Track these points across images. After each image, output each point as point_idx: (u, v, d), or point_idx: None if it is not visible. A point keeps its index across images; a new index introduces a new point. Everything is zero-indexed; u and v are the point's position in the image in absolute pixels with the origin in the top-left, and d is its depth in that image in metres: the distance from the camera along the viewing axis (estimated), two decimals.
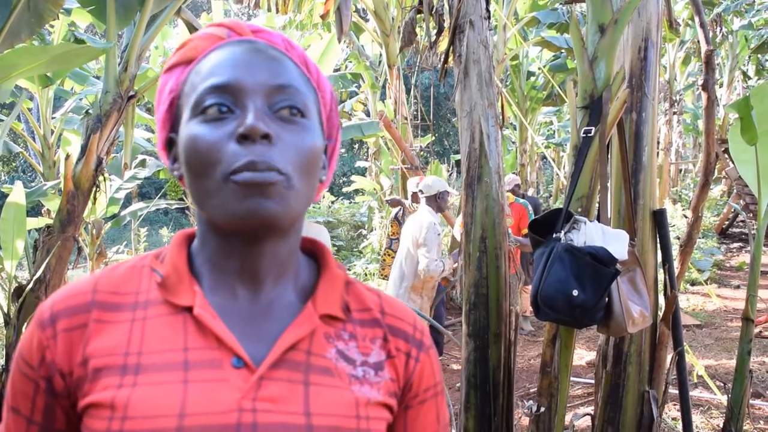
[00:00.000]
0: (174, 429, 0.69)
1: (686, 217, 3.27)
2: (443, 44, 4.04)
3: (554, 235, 2.17)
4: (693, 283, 8.84)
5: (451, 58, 2.71)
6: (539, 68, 11.90)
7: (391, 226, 5.77)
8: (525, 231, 5.51)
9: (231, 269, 0.79)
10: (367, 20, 10.43)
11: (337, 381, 0.76)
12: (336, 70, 11.41)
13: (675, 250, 4.01)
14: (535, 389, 2.47)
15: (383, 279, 5.96)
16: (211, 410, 0.70)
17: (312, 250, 0.89)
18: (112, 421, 0.70)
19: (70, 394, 0.75)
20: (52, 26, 6.76)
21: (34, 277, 3.64)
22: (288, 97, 0.75)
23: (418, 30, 6.81)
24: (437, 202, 4.85)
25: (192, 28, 4.57)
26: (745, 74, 17.84)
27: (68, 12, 5.78)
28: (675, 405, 4.29)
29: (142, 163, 7.16)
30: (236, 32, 0.80)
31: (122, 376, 0.72)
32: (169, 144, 0.82)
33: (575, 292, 2.03)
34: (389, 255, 5.66)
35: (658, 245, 2.68)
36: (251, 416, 0.71)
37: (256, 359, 0.74)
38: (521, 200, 6.11)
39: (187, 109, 0.76)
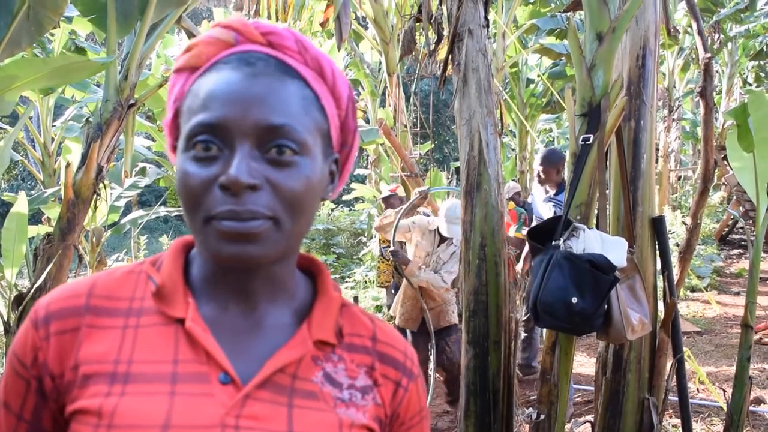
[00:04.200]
0: None
1: (685, 223, 3.28)
2: (442, 52, 4.05)
3: (553, 243, 2.18)
4: (693, 290, 8.84)
5: (450, 66, 2.73)
6: (538, 75, 11.93)
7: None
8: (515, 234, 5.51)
9: (225, 287, 0.79)
10: (366, 28, 10.46)
11: (321, 404, 0.76)
12: None
13: (674, 257, 4.02)
14: (535, 396, 2.47)
15: (381, 287, 5.95)
16: (195, 424, 0.71)
17: (309, 269, 0.88)
18: (98, 429, 0.70)
19: (59, 397, 0.76)
20: (52, 34, 6.79)
21: (35, 286, 3.64)
22: (281, 137, 0.72)
23: (417, 38, 6.82)
24: None
25: (192, 37, 4.58)
26: (744, 81, 17.87)
27: (69, 20, 5.80)
28: (675, 412, 4.29)
29: (143, 171, 7.17)
30: (244, 36, 0.77)
31: (111, 384, 0.73)
32: (176, 150, 0.81)
33: (574, 300, 2.04)
34: (382, 262, 5.64)
35: (658, 252, 2.69)
36: None
37: (244, 377, 0.75)
38: (519, 209, 6.11)
39: (182, 136, 0.74)
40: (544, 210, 4.98)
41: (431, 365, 4.68)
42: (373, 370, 0.82)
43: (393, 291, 5.57)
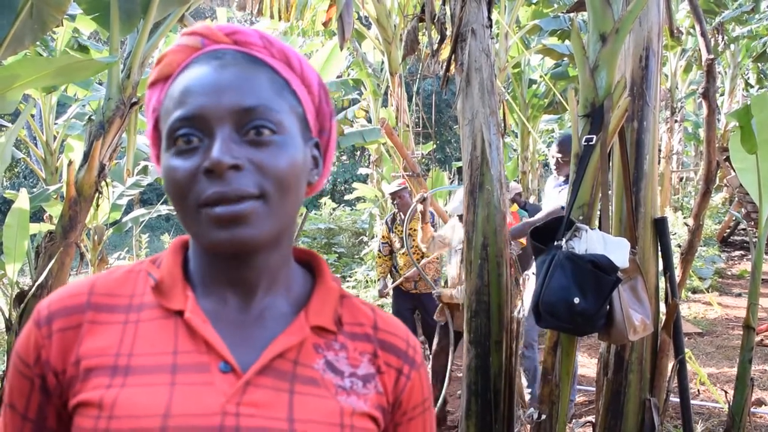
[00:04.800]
0: (158, 429, 0.70)
1: (687, 225, 3.27)
2: (445, 52, 4.05)
3: (556, 243, 2.18)
4: (694, 291, 8.83)
5: (453, 66, 2.73)
6: (541, 76, 11.92)
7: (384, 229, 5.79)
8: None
9: (222, 278, 0.80)
10: (369, 28, 10.46)
11: (322, 391, 0.77)
12: (338, 77, 11.45)
13: (676, 258, 4.01)
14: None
15: (379, 279, 6.01)
16: (196, 412, 0.71)
17: (308, 261, 0.89)
18: (99, 420, 0.71)
19: (62, 393, 0.76)
20: (55, 32, 6.79)
21: (36, 283, 3.65)
22: (257, 117, 0.73)
23: (420, 38, 6.82)
24: None
25: None
26: (747, 83, 17.85)
27: (72, 18, 5.80)
28: (676, 413, 4.29)
29: (145, 170, 7.17)
30: (210, 39, 0.79)
31: (112, 377, 0.73)
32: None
33: (576, 300, 2.04)
34: (380, 257, 5.74)
35: (660, 253, 2.69)
36: (234, 420, 0.72)
37: (244, 365, 0.75)
38: (522, 211, 6.11)
39: (164, 137, 0.76)
40: (553, 196, 4.71)
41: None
42: (376, 357, 0.83)
43: (388, 282, 5.66)
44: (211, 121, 0.73)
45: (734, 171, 3.30)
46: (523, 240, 4.63)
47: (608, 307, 2.13)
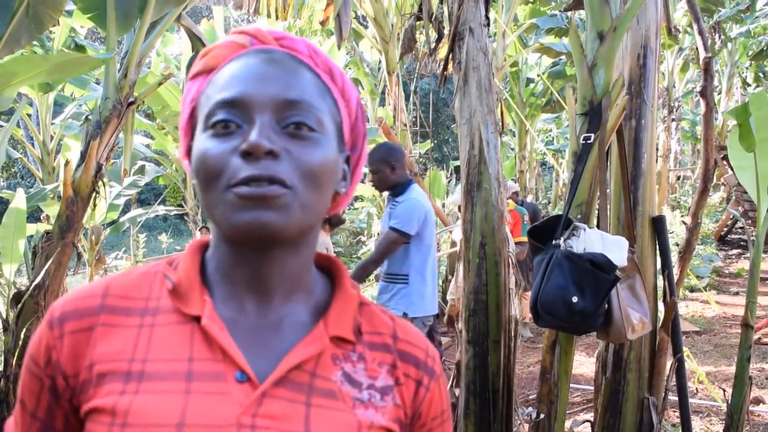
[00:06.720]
0: None
1: (685, 223, 3.28)
2: (443, 51, 4.05)
3: (554, 242, 2.18)
4: (692, 290, 8.84)
5: (450, 65, 2.72)
6: (538, 75, 11.94)
7: None
8: (517, 239, 5.46)
9: (241, 280, 0.78)
10: (366, 27, 10.45)
11: (340, 404, 0.75)
12: None
13: (674, 257, 4.02)
14: (535, 396, 2.47)
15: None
16: (210, 423, 0.70)
17: (327, 267, 0.87)
18: (112, 427, 0.70)
19: (72, 397, 0.75)
20: (51, 32, 6.78)
21: (33, 283, 3.64)
22: (298, 113, 0.73)
23: (417, 36, 6.81)
24: None
25: (192, 35, 4.58)
26: (744, 81, 17.87)
27: (69, 14, 5.79)
28: (675, 411, 4.29)
29: (142, 170, 7.17)
30: (259, 40, 0.79)
31: (125, 383, 0.72)
32: (190, 152, 0.81)
33: (575, 299, 2.03)
34: None
35: (658, 252, 2.69)
36: None
37: (261, 375, 0.73)
38: (520, 208, 6.09)
39: (201, 121, 0.76)
40: (384, 219, 3.90)
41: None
42: (395, 368, 0.81)
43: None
44: (252, 108, 0.72)
45: (732, 169, 3.30)
46: None
47: (607, 305, 2.13)
